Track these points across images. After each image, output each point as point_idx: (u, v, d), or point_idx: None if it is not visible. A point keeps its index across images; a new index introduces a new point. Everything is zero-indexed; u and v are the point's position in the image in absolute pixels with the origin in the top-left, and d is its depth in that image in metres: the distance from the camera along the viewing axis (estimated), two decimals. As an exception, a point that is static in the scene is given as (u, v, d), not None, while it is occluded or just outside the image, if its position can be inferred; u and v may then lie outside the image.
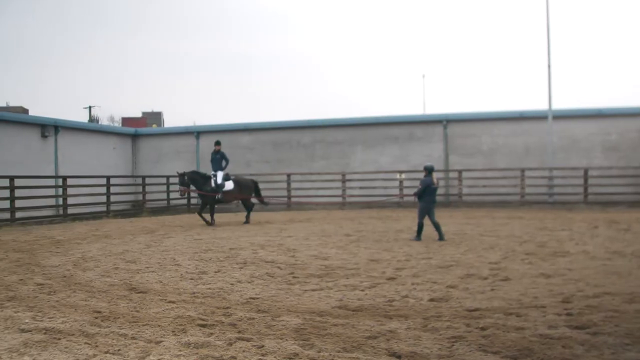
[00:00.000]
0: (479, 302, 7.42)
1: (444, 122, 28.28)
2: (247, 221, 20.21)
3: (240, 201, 21.43)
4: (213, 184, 19.63)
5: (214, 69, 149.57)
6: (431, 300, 7.59)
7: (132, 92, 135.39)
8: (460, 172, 26.84)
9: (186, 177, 19.71)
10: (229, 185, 19.98)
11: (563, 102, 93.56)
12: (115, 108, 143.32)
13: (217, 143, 20.18)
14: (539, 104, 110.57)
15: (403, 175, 26.88)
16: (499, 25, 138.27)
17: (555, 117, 26.07)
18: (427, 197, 14.21)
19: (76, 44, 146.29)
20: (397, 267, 10.25)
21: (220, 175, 19.71)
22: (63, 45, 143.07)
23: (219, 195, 19.69)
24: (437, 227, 14.18)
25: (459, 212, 23.11)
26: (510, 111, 27.98)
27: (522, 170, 25.98)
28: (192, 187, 20.27)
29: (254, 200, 21.33)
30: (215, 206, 20.44)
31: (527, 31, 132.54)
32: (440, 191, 27.25)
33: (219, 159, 19.90)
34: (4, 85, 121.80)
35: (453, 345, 5.56)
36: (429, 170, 14.31)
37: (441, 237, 13.99)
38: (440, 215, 21.70)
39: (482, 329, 6.08)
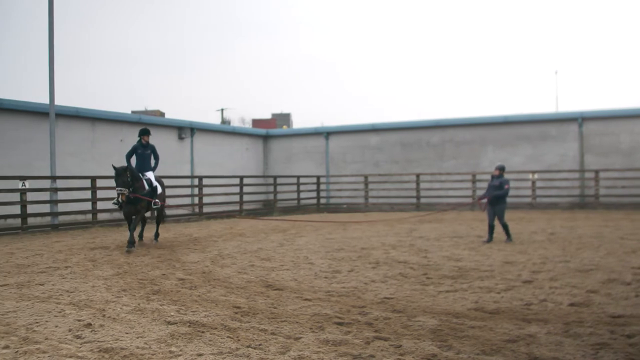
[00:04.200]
0: (622, 308, 7.14)
1: (579, 119, 27.10)
2: (156, 236, 15.33)
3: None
4: (147, 187, 14.14)
5: (341, 70, 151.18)
6: (571, 305, 7.38)
7: (262, 94, 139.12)
8: (597, 172, 25.65)
9: (129, 175, 13.43)
10: (158, 187, 14.77)
11: None
12: (245, 110, 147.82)
13: (145, 132, 14.43)
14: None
15: (536, 176, 26.08)
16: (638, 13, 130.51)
17: None
18: (504, 198, 14.30)
19: (207, 50, 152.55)
20: (533, 270, 10.01)
21: (152, 176, 14.46)
22: (194, 50, 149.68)
23: (156, 201, 14.31)
24: (506, 227, 14.21)
25: (596, 214, 22.16)
26: (653, 107, 26.39)
27: (666, 171, 24.47)
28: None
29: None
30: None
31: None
32: (574, 192, 26.44)
33: (148, 155, 14.51)
34: (143, 90, 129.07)
35: (597, 352, 5.40)
36: (503, 170, 14.44)
37: (509, 238, 14.08)
38: (576, 217, 21.06)
39: (628, 336, 5.86)
